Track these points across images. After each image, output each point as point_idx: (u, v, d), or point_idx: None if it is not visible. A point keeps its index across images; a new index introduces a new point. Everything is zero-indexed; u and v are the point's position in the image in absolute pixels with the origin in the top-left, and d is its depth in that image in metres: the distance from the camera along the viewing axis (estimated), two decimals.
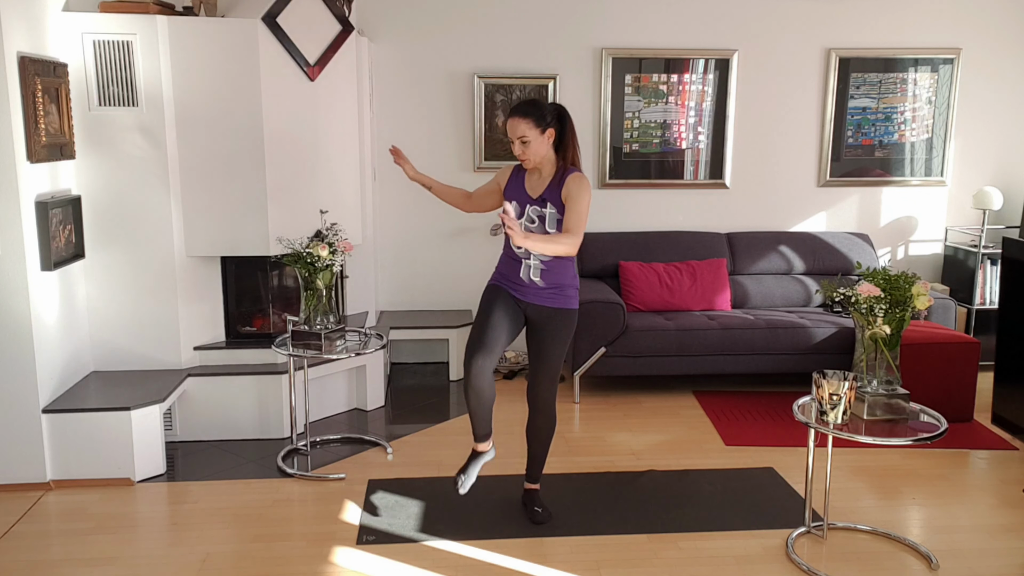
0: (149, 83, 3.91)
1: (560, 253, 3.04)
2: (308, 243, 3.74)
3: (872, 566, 3.04)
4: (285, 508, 3.50)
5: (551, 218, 3.12)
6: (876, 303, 2.98)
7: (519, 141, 3.11)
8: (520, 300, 3.21)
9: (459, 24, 5.27)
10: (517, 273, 3.20)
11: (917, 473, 3.85)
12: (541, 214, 3.14)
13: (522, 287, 3.20)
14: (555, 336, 3.20)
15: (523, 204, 3.18)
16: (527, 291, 3.19)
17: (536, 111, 3.10)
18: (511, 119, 3.12)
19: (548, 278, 3.17)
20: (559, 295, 3.19)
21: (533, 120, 3.08)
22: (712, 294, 5.11)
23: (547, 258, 3.14)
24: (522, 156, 3.14)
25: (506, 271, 3.25)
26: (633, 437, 4.29)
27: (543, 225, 3.13)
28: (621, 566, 3.02)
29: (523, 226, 3.16)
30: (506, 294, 3.22)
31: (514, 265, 3.20)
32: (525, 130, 3.08)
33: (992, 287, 5.40)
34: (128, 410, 3.65)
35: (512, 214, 2.85)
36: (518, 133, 3.09)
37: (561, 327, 3.20)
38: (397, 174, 5.32)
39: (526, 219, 3.17)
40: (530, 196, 3.17)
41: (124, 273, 4.05)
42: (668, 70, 5.39)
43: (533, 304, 3.19)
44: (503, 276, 3.26)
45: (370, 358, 4.58)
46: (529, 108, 3.11)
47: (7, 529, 3.30)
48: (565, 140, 3.16)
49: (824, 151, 5.56)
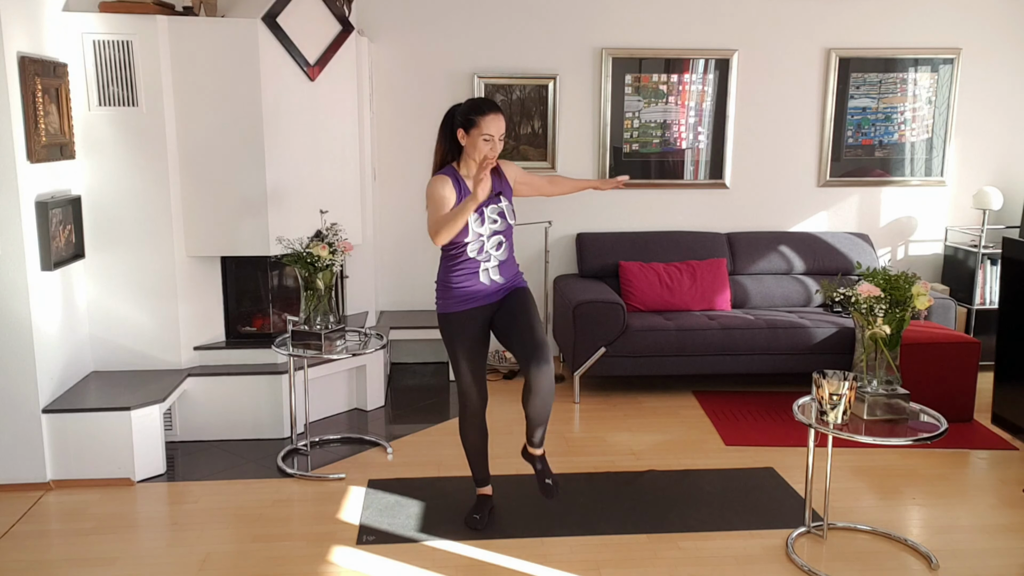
0: (149, 83, 3.91)
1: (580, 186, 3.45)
2: (308, 243, 3.74)
3: (872, 566, 3.04)
4: (285, 508, 3.50)
5: (508, 210, 3.13)
6: (876, 303, 2.98)
7: (498, 139, 3.01)
8: (486, 307, 3.15)
9: (459, 24, 5.27)
10: (477, 282, 3.10)
11: (917, 473, 3.85)
12: (500, 210, 3.11)
13: (485, 293, 3.13)
14: (531, 303, 3.18)
15: (478, 211, 3.05)
16: (492, 293, 3.15)
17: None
18: (496, 115, 3.00)
19: (505, 272, 3.16)
20: (517, 278, 3.24)
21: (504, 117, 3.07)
22: (712, 294, 5.11)
23: (504, 256, 3.14)
24: (492, 154, 3.00)
25: (465, 288, 3.10)
26: (633, 437, 4.28)
27: (505, 220, 3.12)
28: (621, 566, 3.02)
29: (487, 229, 3.07)
30: (476, 318, 3.13)
31: (471, 277, 3.09)
32: (504, 127, 3.03)
33: (992, 287, 5.40)
34: (128, 410, 3.65)
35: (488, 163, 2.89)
36: (502, 131, 3.03)
37: (530, 298, 3.21)
38: (397, 174, 5.34)
39: (488, 221, 3.07)
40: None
41: (124, 273, 4.05)
42: (668, 70, 5.39)
43: (501, 298, 3.18)
44: (463, 297, 3.11)
45: (370, 358, 4.58)
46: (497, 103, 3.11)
47: (7, 529, 3.30)
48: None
49: (824, 151, 5.56)
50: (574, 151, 5.45)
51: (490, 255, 3.10)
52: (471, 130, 3.00)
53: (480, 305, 3.14)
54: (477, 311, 3.14)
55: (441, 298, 3.17)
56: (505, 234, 3.13)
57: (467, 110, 3.03)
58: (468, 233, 3.03)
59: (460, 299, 3.12)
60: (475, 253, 3.07)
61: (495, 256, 3.12)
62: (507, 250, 3.15)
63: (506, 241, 3.14)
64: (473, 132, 3.00)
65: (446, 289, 3.14)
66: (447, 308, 3.15)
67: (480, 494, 3.39)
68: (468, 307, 3.12)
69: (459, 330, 3.14)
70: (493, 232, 3.09)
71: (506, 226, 3.13)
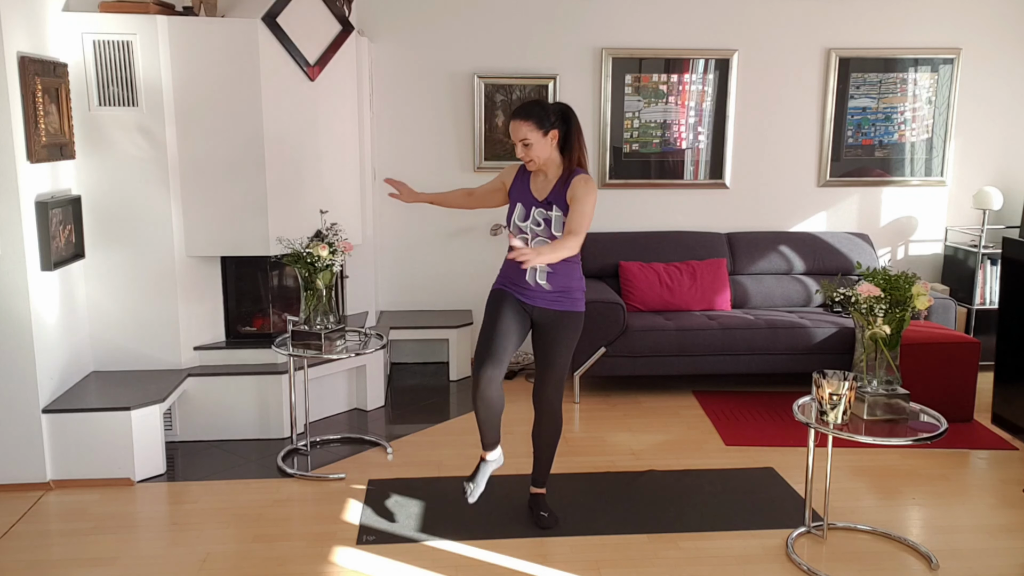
0: (149, 83, 3.91)
1: (565, 256, 2.99)
2: (308, 243, 3.74)
3: (872, 566, 3.04)
4: (285, 508, 3.50)
5: (556, 221, 3.07)
6: (876, 303, 2.98)
7: (521, 144, 3.05)
8: (526, 304, 3.17)
9: (459, 24, 5.27)
10: (523, 276, 3.13)
11: (917, 473, 3.85)
12: (547, 217, 3.09)
13: (528, 291, 3.15)
14: (562, 339, 3.17)
15: (528, 206, 3.14)
16: (534, 295, 3.14)
17: (538, 113, 3.04)
18: (513, 121, 3.06)
19: (555, 281, 3.12)
20: (566, 298, 3.15)
21: (535, 122, 3.03)
22: (712, 294, 5.11)
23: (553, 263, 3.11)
24: (525, 158, 3.09)
25: (511, 274, 3.18)
26: (633, 437, 4.28)
27: (548, 228, 3.08)
28: (621, 566, 3.02)
29: (528, 228, 3.12)
30: (512, 299, 3.17)
31: (519, 267, 3.09)
32: (527, 132, 3.03)
33: (992, 287, 5.40)
34: (128, 410, 3.65)
35: (520, 245, 2.83)
36: (520, 136, 3.04)
37: (568, 330, 3.17)
38: (397, 174, 5.30)
39: (531, 222, 3.11)
40: (536, 198, 3.12)
41: (124, 273, 4.05)
42: (668, 70, 5.39)
43: (540, 308, 3.15)
44: (508, 280, 3.20)
45: (370, 358, 4.58)
46: (531, 110, 3.05)
47: (7, 529, 3.30)
48: (571, 141, 3.10)
49: (824, 151, 5.56)
50: None
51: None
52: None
53: (516, 293, 3.17)
54: (513, 297, 3.17)
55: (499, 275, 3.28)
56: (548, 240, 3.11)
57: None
58: (510, 223, 3.18)
59: (504, 280, 3.23)
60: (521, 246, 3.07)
61: None
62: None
63: None
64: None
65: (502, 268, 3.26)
66: (495, 284, 3.25)
67: (482, 458, 3.26)
68: (506, 287, 3.20)
69: (494, 300, 3.20)
70: (535, 235, 3.12)
71: (549, 235, 3.09)
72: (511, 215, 3.21)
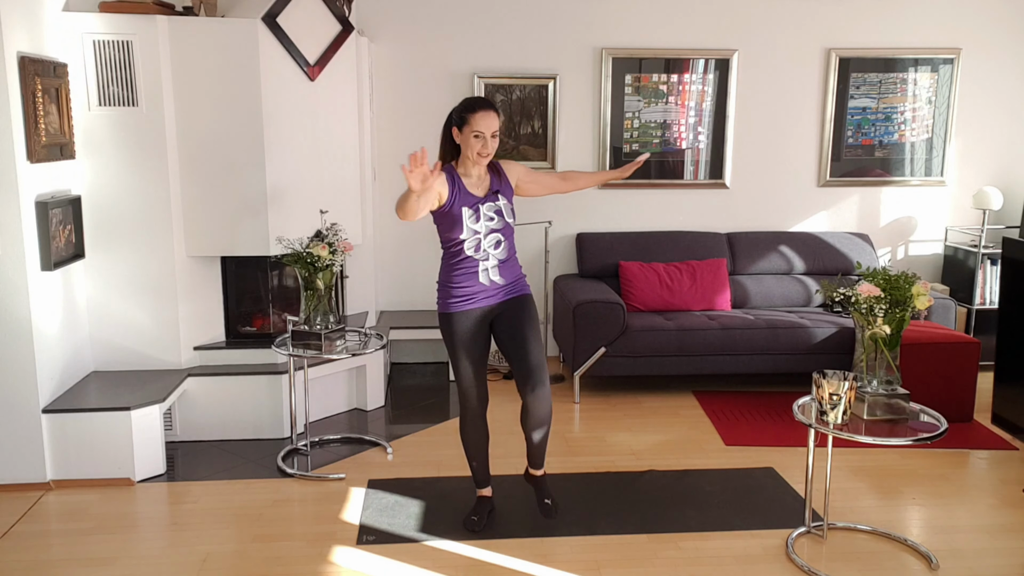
0: (149, 83, 3.91)
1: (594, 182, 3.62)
2: (308, 243, 3.74)
3: (872, 566, 3.04)
4: (285, 508, 3.50)
5: (505, 208, 3.12)
6: (876, 303, 2.98)
7: (491, 136, 3.02)
8: (485, 308, 3.14)
9: (459, 24, 5.27)
10: (476, 282, 3.10)
11: (917, 473, 3.85)
12: (498, 208, 3.10)
13: (485, 294, 3.12)
14: (529, 319, 3.19)
15: (474, 206, 3.05)
16: (493, 294, 3.14)
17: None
18: (486, 112, 3.01)
19: (507, 273, 3.15)
20: (520, 283, 3.23)
21: (497, 113, 3.06)
22: (712, 294, 5.11)
23: (503, 256, 3.12)
24: (484, 152, 3.02)
25: (464, 287, 3.10)
26: (633, 437, 4.28)
27: (503, 218, 3.11)
28: (621, 566, 3.02)
29: (483, 227, 3.06)
30: (468, 320, 3.12)
31: (471, 277, 3.09)
32: (497, 124, 3.04)
33: (992, 287, 5.40)
34: (128, 410, 3.65)
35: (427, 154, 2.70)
36: (492, 128, 3.02)
37: (531, 309, 3.21)
38: (397, 174, 5.32)
39: (484, 218, 3.06)
40: (479, 196, 3.08)
41: (124, 273, 4.05)
42: (668, 70, 5.39)
43: (500, 302, 3.16)
44: (463, 297, 3.11)
45: (370, 358, 4.58)
46: (492, 102, 3.11)
47: (7, 529, 3.30)
48: None
49: (824, 151, 5.56)
50: (574, 151, 5.45)
51: (488, 254, 3.10)
52: (463, 128, 3.03)
53: (480, 306, 3.13)
54: (477, 311, 3.13)
55: (441, 298, 3.17)
56: (504, 233, 3.13)
57: (460, 108, 3.07)
58: (463, 230, 3.04)
59: (460, 299, 3.12)
60: (472, 251, 3.07)
61: (494, 255, 3.11)
62: (507, 249, 3.15)
63: (505, 240, 3.13)
64: (465, 130, 3.03)
65: (446, 289, 3.15)
66: (447, 308, 3.14)
67: (480, 496, 3.38)
68: (467, 307, 3.12)
69: (459, 330, 3.14)
70: (490, 230, 3.09)
71: (504, 225, 3.12)
72: (460, 223, 3.04)
